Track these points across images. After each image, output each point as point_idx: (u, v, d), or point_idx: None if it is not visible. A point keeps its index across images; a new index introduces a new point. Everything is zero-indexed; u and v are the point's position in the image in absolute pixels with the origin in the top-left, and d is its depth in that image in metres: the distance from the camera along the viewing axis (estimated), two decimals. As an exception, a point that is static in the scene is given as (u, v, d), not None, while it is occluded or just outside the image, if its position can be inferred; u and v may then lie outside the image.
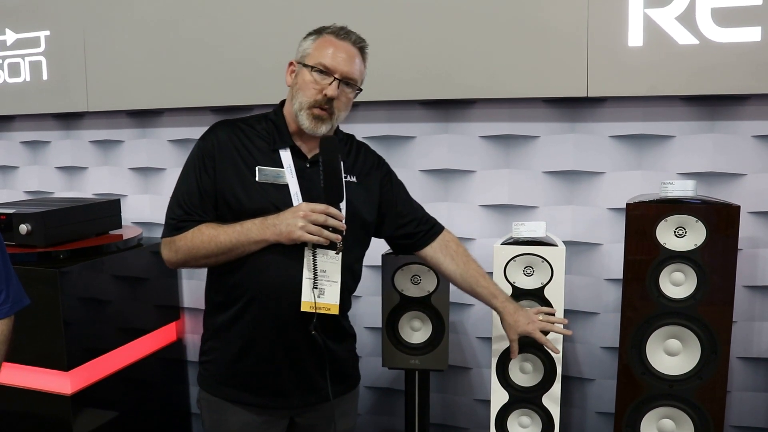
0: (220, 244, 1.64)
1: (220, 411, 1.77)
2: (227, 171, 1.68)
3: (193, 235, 1.66)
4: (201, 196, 1.68)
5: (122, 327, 2.59)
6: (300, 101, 1.69)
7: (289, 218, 1.61)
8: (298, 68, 1.74)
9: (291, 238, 1.61)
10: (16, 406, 2.38)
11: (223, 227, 1.65)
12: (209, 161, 1.69)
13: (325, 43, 1.71)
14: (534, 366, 2.17)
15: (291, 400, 1.76)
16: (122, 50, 3.09)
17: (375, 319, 2.81)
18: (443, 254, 1.98)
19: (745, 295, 2.43)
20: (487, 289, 1.96)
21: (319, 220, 1.61)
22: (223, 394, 1.76)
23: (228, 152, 1.69)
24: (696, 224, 1.97)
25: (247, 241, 1.63)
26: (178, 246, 1.68)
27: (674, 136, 2.45)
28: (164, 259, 1.73)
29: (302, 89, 1.70)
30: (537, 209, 2.65)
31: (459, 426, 2.89)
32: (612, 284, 2.57)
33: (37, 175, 3.55)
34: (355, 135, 1.98)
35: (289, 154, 1.73)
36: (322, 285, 1.68)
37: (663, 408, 2.06)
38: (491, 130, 2.67)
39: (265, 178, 1.69)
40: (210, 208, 1.69)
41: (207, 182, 1.68)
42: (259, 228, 1.62)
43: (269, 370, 1.72)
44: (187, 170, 1.73)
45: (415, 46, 2.59)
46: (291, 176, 1.70)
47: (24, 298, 1.72)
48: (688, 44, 2.26)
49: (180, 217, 1.69)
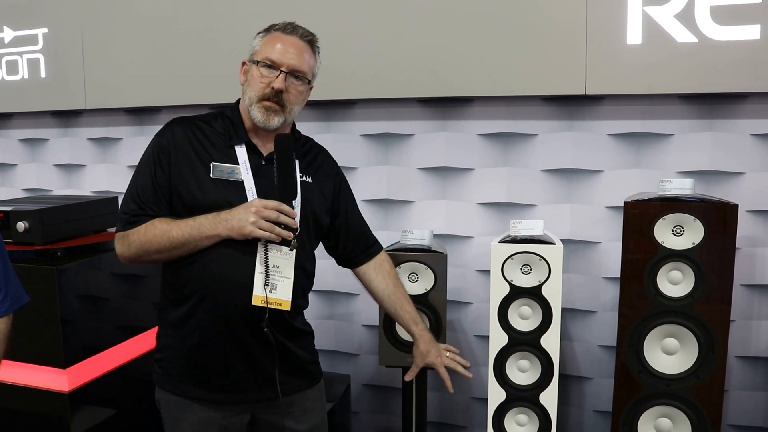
0: (173, 239, 1.64)
1: (179, 409, 1.76)
2: (182, 167, 1.69)
3: (146, 229, 1.67)
4: (155, 191, 1.69)
5: (120, 325, 2.59)
6: (249, 96, 1.72)
7: (240, 214, 1.63)
8: (248, 66, 1.76)
9: (242, 233, 1.62)
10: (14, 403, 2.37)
11: (175, 222, 1.66)
12: (164, 157, 1.69)
13: (273, 39, 1.73)
14: (531, 364, 2.17)
15: (247, 395, 1.76)
16: (120, 47, 3.09)
17: (372, 317, 2.81)
18: (376, 272, 2.01)
19: (743, 294, 2.43)
20: (410, 314, 2.02)
21: (271, 216, 1.63)
22: (180, 391, 1.75)
23: (183, 148, 1.70)
24: (694, 223, 1.96)
25: (200, 236, 1.64)
26: (131, 240, 1.68)
27: (673, 135, 2.45)
28: (117, 253, 1.73)
29: (251, 84, 1.72)
30: (535, 207, 2.64)
31: (456, 424, 2.88)
32: (610, 283, 2.57)
33: (35, 173, 3.55)
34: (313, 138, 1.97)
35: (244, 150, 1.73)
36: (275, 280, 1.69)
37: (660, 407, 2.06)
38: (489, 128, 2.67)
39: (219, 174, 1.69)
40: (164, 204, 1.70)
41: (161, 178, 1.69)
42: (211, 223, 1.63)
43: (223, 365, 1.72)
44: (142, 166, 1.73)
45: (414, 44, 2.59)
46: (246, 173, 1.71)
47: (23, 295, 1.71)
48: (687, 42, 2.25)
49: (133, 212, 1.69)
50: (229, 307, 1.68)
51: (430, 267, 2.24)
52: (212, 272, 1.67)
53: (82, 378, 2.38)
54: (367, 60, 2.66)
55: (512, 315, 2.15)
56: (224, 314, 1.68)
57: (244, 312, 1.68)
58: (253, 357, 1.73)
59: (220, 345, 1.71)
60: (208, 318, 1.69)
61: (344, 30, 2.66)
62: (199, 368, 1.73)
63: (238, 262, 1.67)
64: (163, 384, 1.80)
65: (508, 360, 2.17)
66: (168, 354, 1.78)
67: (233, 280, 1.67)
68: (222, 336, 1.70)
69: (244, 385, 1.75)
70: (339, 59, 2.63)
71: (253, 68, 1.73)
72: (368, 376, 2.98)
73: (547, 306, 2.11)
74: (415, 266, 2.24)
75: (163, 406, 1.81)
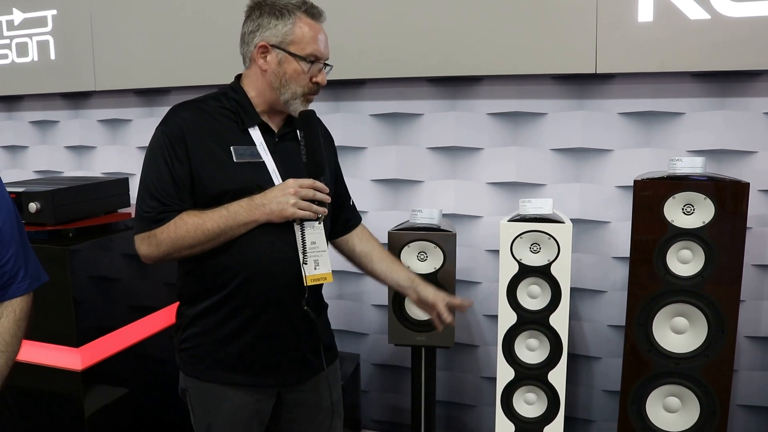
0: (207, 232, 1.59)
1: (211, 396, 1.74)
2: (201, 155, 1.62)
3: (176, 225, 1.59)
4: (176, 184, 1.61)
5: (131, 304, 2.61)
6: (293, 91, 1.66)
7: (279, 197, 1.59)
8: (279, 55, 1.66)
9: (283, 216, 1.60)
10: (28, 381, 2.41)
11: (207, 213, 1.60)
12: (179, 146, 1.61)
13: (309, 29, 1.66)
14: (540, 343, 2.17)
15: (285, 378, 1.76)
16: (129, 28, 3.09)
17: (381, 297, 2.82)
18: (359, 239, 1.96)
19: (753, 274, 2.42)
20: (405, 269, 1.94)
21: (308, 195, 1.60)
22: (214, 378, 1.72)
23: (197, 135, 1.63)
24: (704, 201, 1.95)
25: (236, 224, 1.59)
26: (160, 239, 1.60)
27: (684, 113, 2.43)
28: (142, 254, 1.64)
29: (294, 79, 1.66)
30: (544, 187, 2.63)
31: (465, 403, 2.90)
32: (619, 262, 2.56)
33: (46, 155, 3.57)
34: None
35: (258, 131, 1.69)
36: (315, 256, 1.68)
37: (669, 386, 2.06)
38: (499, 107, 2.65)
39: (241, 158, 1.65)
40: (187, 196, 1.62)
41: (180, 169, 1.61)
42: (246, 210, 1.59)
43: (265, 348, 1.70)
44: (154, 159, 1.63)
45: (423, 23, 2.57)
46: (265, 153, 1.67)
47: (42, 274, 1.71)
48: (700, 19, 2.22)
49: (157, 209, 1.60)
50: (271, 289, 1.66)
51: (439, 246, 2.24)
52: (251, 257, 1.63)
53: (95, 357, 2.40)
54: (376, 39, 2.65)
55: (521, 294, 2.16)
56: (267, 297, 1.66)
57: (286, 293, 1.67)
58: (294, 337, 1.72)
59: (263, 328, 1.68)
60: (250, 302, 1.66)
61: (353, 9, 2.65)
62: (237, 353, 1.70)
63: (276, 244, 1.64)
64: (193, 372, 1.74)
65: (516, 339, 2.18)
66: (199, 342, 1.72)
67: (274, 262, 1.64)
68: (263, 319, 1.68)
69: (282, 366, 1.74)
70: (348, 39, 2.62)
71: (291, 60, 1.65)
72: (377, 355, 3.00)
73: (556, 285, 2.11)
74: (424, 245, 2.24)
75: (192, 394, 1.77)
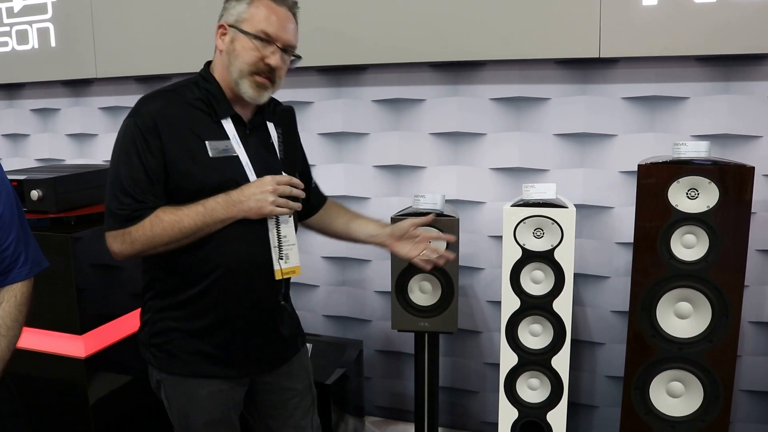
0: (184, 229, 1.56)
1: (186, 387, 1.71)
2: (175, 149, 1.57)
3: (152, 223, 1.56)
4: (150, 179, 1.56)
5: (134, 292, 2.60)
6: (239, 68, 1.61)
7: (257, 194, 1.57)
8: (232, 33, 1.62)
9: (262, 213, 1.59)
10: (32, 369, 2.41)
11: (183, 210, 1.56)
12: (153, 139, 1.56)
13: (264, 8, 1.61)
14: (544, 329, 2.17)
15: (259, 367, 1.76)
16: (130, 15, 3.07)
17: (385, 283, 2.82)
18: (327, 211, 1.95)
19: (758, 259, 2.41)
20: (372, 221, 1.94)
21: (285, 192, 1.60)
22: (189, 372, 1.69)
23: (171, 127, 1.58)
24: (709, 186, 1.94)
25: (213, 222, 1.57)
26: (135, 237, 1.56)
27: (688, 98, 2.41)
28: (114, 252, 1.61)
29: (240, 55, 1.61)
30: (548, 172, 2.62)
31: (468, 389, 2.91)
32: (623, 248, 2.56)
33: (47, 143, 3.56)
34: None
35: (231, 123, 1.66)
36: (286, 250, 1.68)
37: (672, 371, 2.05)
38: (502, 92, 2.64)
39: (217, 152, 1.61)
40: (161, 192, 1.58)
41: (153, 164, 1.56)
42: (224, 207, 1.57)
43: (240, 341, 1.70)
44: (127, 152, 1.58)
45: (425, 7, 2.55)
46: (238, 146, 1.65)
47: (43, 260, 1.71)
48: (705, 2, 2.20)
49: (131, 207, 1.56)
50: (248, 283, 1.66)
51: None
52: (227, 252, 1.62)
53: (99, 344, 2.41)
54: (378, 24, 2.63)
55: (524, 279, 2.15)
56: (244, 291, 1.66)
57: (259, 287, 1.67)
58: (269, 330, 1.73)
59: (240, 321, 1.68)
60: (227, 296, 1.65)
61: (354, -6, 2.63)
62: (215, 346, 1.68)
63: (253, 239, 1.64)
64: (167, 367, 1.72)
65: (520, 324, 2.17)
66: (172, 337, 1.70)
67: (250, 255, 1.64)
68: (241, 313, 1.67)
69: (258, 357, 1.74)
70: (349, 23, 2.60)
71: (241, 38, 1.61)
72: (380, 341, 3.00)
73: (559, 270, 2.10)
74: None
75: (167, 387, 1.74)
